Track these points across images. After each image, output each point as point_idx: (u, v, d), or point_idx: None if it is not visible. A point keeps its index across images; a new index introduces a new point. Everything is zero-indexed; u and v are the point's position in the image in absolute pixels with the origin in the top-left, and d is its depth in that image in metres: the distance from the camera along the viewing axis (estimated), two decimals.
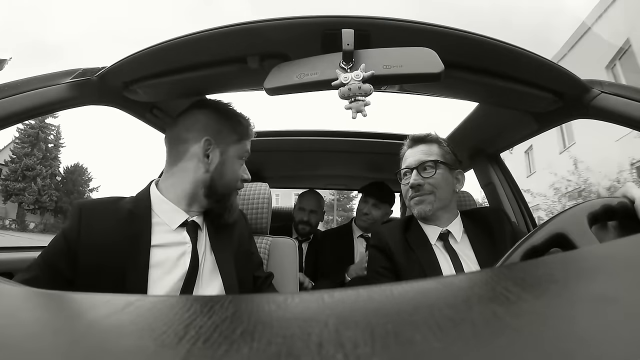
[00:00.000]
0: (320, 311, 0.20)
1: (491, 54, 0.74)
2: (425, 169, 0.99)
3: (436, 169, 0.99)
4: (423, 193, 0.99)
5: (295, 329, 0.18)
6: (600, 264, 0.25)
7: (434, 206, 0.98)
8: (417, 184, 0.98)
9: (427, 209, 0.98)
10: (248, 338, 0.17)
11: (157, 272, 0.70)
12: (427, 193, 0.98)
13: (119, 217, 0.73)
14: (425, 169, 0.99)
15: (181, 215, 0.77)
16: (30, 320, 0.22)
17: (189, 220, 0.78)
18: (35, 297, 0.27)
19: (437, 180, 0.98)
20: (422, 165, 1.00)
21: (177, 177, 0.79)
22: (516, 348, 0.15)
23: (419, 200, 0.99)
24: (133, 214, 0.74)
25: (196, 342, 0.17)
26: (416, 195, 0.99)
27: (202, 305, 0.21)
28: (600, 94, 0.83)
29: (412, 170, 1.00)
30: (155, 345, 0.16)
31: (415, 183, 0.98)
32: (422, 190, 0.99)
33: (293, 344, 0.16)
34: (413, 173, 1.00)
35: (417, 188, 0.99)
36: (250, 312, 0.20)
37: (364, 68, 0.63)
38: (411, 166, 1.01)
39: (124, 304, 0.22)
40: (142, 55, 0.75)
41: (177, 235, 0.76)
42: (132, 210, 0.75)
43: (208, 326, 0.18)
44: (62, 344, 0.18)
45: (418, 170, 0.99)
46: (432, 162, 0.99)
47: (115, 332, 0.19)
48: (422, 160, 1.00)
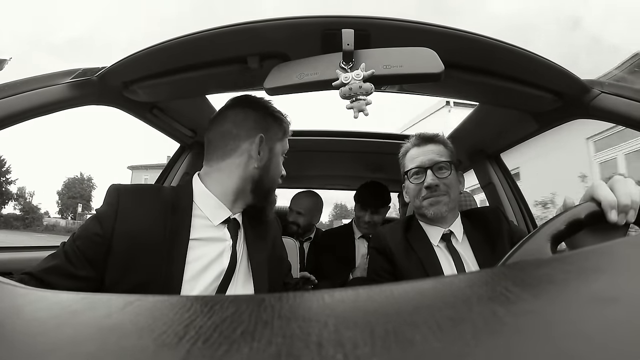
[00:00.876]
0: (320, 311, 0.20)
1: (491, 54, 0.74)
2: (440, 169, 0.99)
3: (450, 170, 0.98)
4: (439, 194, 0.98)
5: (295, 328, 0.18)
6: (600, 264, 0.25)
7: (448, 207, 0.97)
8: (435, 184, 0.97)
9: (443, 210, 0.97)
10: (248, 338, 0.17)
11: (194, 268, 0.68)
12: (443, 194, 0.98)
13: (159, 206, 0.71)
14: (440, 169, 0.99)
15: (225, 212, 0.77)
16: (30, 320, 0.22)
17: (232, 217, 0.78)
18: (35, 297, 0.27)
19: (451, 181, 0.98)
20: (437, 165, 0.99)
21: (224, 173, 0.79)
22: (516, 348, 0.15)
23: (435, 201, 0.98)
24: (175, 205, 0.72)
25: (196, 342, 0.17)
26: (432, 196, 0.98)
27: (202, 306, 0.21)
28: (600, 94, 0.83)
29: (424, 170, 0.99)
30: (155, 345, 0.16)
31: (433, 183, 0.97)
32: (438, 191, 0.98)
33: (293, 343, 0.16)
34: (428, 173, 0.98)
35: (433, 188, 0.97)
36: (250, 312, 0.20)
37: (364, 67, 0.63)
38: (424, 165, 0.99)
39: (124, 304, 0.22)
40: (142, 55, 0.75)
41: (218, 232, 0.75)
42: (173, 201, 0.73)
43: (208, 326, 0.18)
44: (62, 344, 0.18)
45: (433, 170, 0.98)
46: (446, 163, 0.99)
47: (115, 332, 0.19)
48: (436, 161, 0.99)
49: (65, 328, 0.20)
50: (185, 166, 1.44)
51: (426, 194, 0.98)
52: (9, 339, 0.18)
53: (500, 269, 0.26)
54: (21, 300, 0.26)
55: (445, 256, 0.95)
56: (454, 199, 0.99)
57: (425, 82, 0.65)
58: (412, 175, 1.02)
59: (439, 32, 0.67)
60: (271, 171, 0.83)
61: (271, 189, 0.84)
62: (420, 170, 1.00)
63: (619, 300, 0.19)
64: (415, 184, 1.01)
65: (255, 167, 0.79)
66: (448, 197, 0.98)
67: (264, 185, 0.81)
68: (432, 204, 0.98)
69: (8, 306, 0.25)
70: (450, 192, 0.98)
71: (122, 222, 0.67)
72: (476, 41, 0.70)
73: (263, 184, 0.81)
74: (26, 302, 0.26)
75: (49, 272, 0.63)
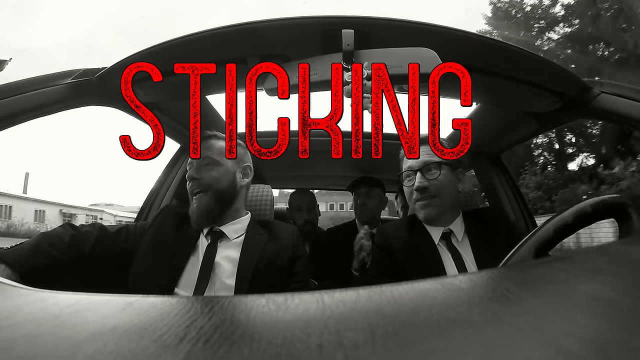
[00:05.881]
0: (320, 312, 0.20)
1: (491, 54, 0.74)
2: (430, 171, 0.98)
3: (440, 170, 0.97)
4: (428, 196, 0.97)
5: (296, 329, 0.18)
6: (600, 264, 0.25)
7: (439, 209, 0.96)
8: (422, 186, 0.96)
9: (432, 213, 0.96)
10: (248, 339, 0.17)
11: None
12: (432, 196, 0.97)
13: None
14: (430, 171, 0.98)
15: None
16: (30, 320, 0.22)
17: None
18: (35, 297, 0.27)
19: (441, 182, 0.97)
20: (426, 167, 0.98)
21: None
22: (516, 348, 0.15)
23: (424, 204, 0.97)
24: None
25: (196, 343, 0.17)
26: (421, 199, 0.97)
27: (202, 306, 0.21)
28: (600, 94, 0.83)
29: (415, 172, 0.98)
30: (156, 346, 0.16)
31: (420, 186, 0.96)
32: (427, 193, 0.97)
33: (293, 344, 0.16)
34: (417, 175, 0.97)
35: (422, 190, 0.97)
36: (251, 313, 0.20)
37: (367, 66, 0.63)
38: (414, 168, 0.99)
39: (123, 304, 0.22)
40: (142, 55, 0.75)
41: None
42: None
43: (208, 327, 0.18)
44: (62, 344, 0.18)
45: (422, 172, 0.97)
46: (436, 164, 0.97)
47: (115, 332, 0.19)
48: (425, 162, 0.98)
49: (64, 328, 0.20)
50: (185, 167, 1.44)
51: (416, 196, 0.98)
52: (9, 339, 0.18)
53: (501, 270, 0.26)
54: (21, 300, 0.26)
55: (447, 255, 0.95)
56: (446, 200, 0.98)
57: (426, 82, 0.65)
58: (405, 178, 1.03)
59: (439, 32, 0.67)
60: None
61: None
62: (411, 172, 1.00)
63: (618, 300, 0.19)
64: (407, 187, 1.02)
65: None
66: (439, 198, 0.97)
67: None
68: (422, 207, 0.98)
69: (8, 306, 0.25)
70: (441, 194, 0.97)
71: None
72: (476, 41, 0.70)
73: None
74: (26, 302, 0.26)
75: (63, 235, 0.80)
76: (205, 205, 0.84)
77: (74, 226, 0.81)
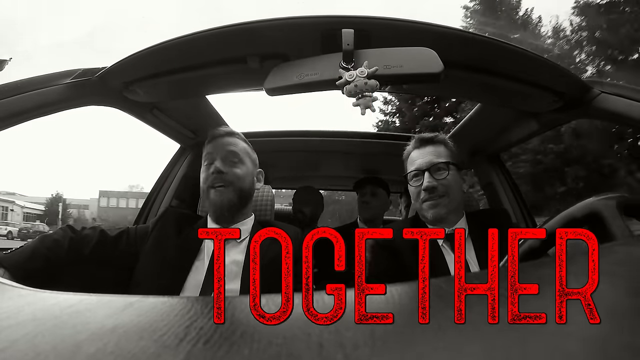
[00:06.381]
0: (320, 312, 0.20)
1: (491, 54, 0.74)
2: (438, 171, 0.98)
3: (448, 171, 0.97)
4: (437, 195, 0.97)
5: (296, 329, 0.18)
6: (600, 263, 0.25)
7: (448, 209, 0.97)
8: (431, 186, 0.96)
9: (441, 212, 0.96)
10: (248, 339, 0.17)
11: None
12: (441, 196, 0.97)
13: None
14: (438, 171, 0.98)
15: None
16: (30, 321, 0.22)
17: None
18: (35, 297, 0.27)
19: (449, 182, 0.97)
20: (435, 167, 0.98)
21: None
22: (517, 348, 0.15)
23: (433, 204, 0.97)
24: None
25: (197, 343, 0.17)
26: (430, 199, 0.97)
27: (202, 307, 0.21)
28: (600, 94, 0.83)
29: (423, 172, 0.98)
30: (156, 347, 0.16)
31: (430, 186, 0.96)
32: (435, 193, 0.97)
33: (293, 344, 0.16)
34: (425, 175, 0.97)
35: (431, 190, 0.96)
36: (250, 313, 0.20)
37: (367, 65, 0.63)
38: (422, 168, 0.98)
39: (124, 305, 0.22)
40: (142, 55, 0.75)
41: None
42: None
43: (208, 327, 0.18)
44: (62, 345, 0.18)
45: (430, 172, 0.97)
46: (444, 164, 0.98)
47: (115, 333, 0.19)
48: (434, 162, 0.98)
49: (65, 329, 0.20)
50: (185, 168, 1.44)
51: (424, 196, 0.98)
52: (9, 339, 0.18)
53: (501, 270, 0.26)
54: (21, 300, 0.26)
55: (451, 256, 0.95)
56: (454, 200, 0.98)
57: (425, 82, 0.65)
58: (412, 178, 1.02)
59: (439, 32, 0.67)
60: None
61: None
62: (418, 172, 1.00)
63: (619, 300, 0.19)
64: (414, 187, 1.01)
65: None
66: (447, 198, 0.97)
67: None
68: (431, 207, 0.98)
69: (9, 306, 0.25)
70: (449, 193, 0.97)
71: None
72: (476, 41, 0.70)
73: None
74: (27, 303, 0.26)
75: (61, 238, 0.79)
76: (229, 199, 0.83)
77: (74, 229, 0.81)
